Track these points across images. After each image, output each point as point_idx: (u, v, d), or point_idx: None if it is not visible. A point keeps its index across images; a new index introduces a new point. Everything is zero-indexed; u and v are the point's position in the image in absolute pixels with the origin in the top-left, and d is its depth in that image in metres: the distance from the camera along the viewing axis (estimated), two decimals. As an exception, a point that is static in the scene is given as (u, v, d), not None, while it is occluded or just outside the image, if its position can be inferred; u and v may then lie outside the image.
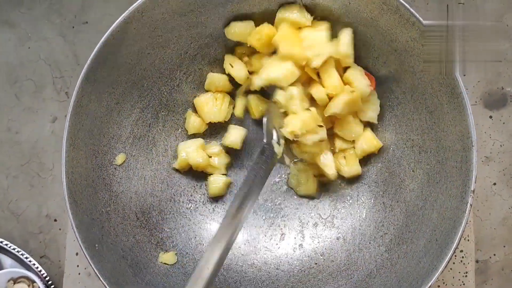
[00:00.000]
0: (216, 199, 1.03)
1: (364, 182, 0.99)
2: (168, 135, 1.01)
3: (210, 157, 1.01)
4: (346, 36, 0.90)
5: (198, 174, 1.02)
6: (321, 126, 0.91)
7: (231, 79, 0.99)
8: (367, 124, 0.97)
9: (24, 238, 1.13)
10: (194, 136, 1.02)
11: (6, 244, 1.08)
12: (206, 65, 1.00)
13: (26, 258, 1.07)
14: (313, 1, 0.90)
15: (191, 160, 0.99)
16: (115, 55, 0.88)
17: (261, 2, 0.92)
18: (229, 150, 1.03)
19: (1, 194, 1.14)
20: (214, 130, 1.03)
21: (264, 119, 0.93)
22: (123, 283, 0.84)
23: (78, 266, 1.04)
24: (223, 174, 1.02)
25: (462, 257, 1.00)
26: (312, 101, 0.94)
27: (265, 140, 0.92)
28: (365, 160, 0.99)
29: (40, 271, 1.07)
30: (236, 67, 0.98)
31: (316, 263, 0.95)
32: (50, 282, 1.07)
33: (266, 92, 0.98)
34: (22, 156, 1.15)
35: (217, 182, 1.01)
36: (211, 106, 1.00)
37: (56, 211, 1.13)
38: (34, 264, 1.07)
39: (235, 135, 1.00)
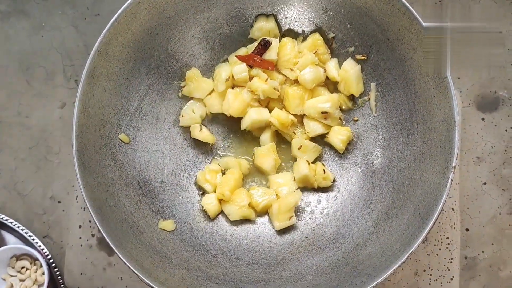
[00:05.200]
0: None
1: (355, 163, 1.02)
2: (172, 113, 1.04)
3: None
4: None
5: (199, 151, 1.05)
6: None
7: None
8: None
9: (28, 218, 1.15)
10: None
11: (11, 222, 1.10)
12: (210, 49, 1.04)
13: (30, 236, 1.09)
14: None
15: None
16: (126, 32, 0.93)
17: None
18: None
19: (9, 175, 1.17)
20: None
21: None
22: (125, 242, 0.87)
23: (80, 238, 1.07)
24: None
25: (448, 243, 1.04)
26: None
27: None
28: (356, 143, 1.03)
29: (43, 249, 1.09)
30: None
31: (306, 237, 0.98)
32: (51, 261, 1.09)
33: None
34: (31, 139, 1.18)
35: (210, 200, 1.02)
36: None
37: (61, 193, 1.16)
38: (37, 243, 1.09)
39: None
